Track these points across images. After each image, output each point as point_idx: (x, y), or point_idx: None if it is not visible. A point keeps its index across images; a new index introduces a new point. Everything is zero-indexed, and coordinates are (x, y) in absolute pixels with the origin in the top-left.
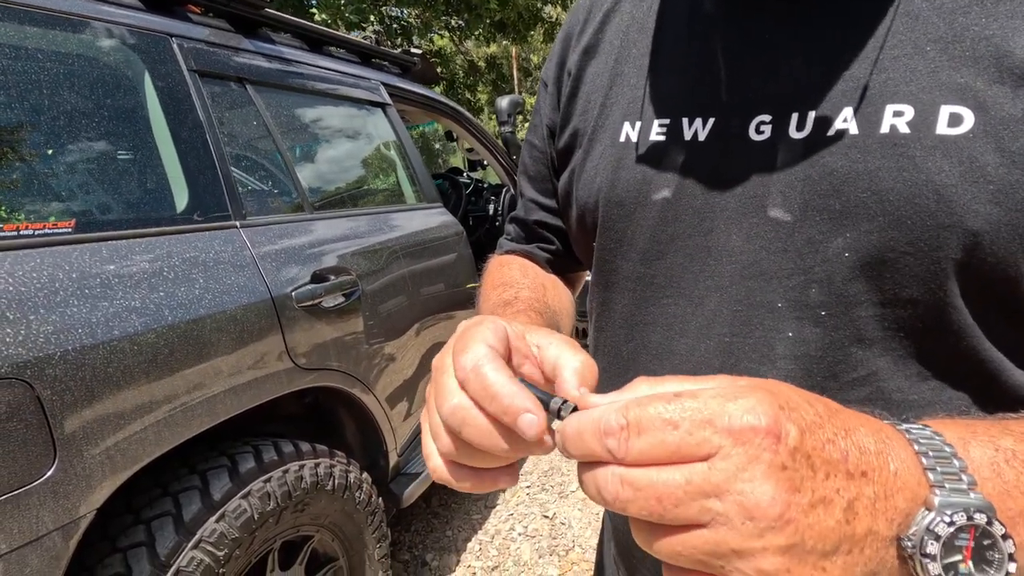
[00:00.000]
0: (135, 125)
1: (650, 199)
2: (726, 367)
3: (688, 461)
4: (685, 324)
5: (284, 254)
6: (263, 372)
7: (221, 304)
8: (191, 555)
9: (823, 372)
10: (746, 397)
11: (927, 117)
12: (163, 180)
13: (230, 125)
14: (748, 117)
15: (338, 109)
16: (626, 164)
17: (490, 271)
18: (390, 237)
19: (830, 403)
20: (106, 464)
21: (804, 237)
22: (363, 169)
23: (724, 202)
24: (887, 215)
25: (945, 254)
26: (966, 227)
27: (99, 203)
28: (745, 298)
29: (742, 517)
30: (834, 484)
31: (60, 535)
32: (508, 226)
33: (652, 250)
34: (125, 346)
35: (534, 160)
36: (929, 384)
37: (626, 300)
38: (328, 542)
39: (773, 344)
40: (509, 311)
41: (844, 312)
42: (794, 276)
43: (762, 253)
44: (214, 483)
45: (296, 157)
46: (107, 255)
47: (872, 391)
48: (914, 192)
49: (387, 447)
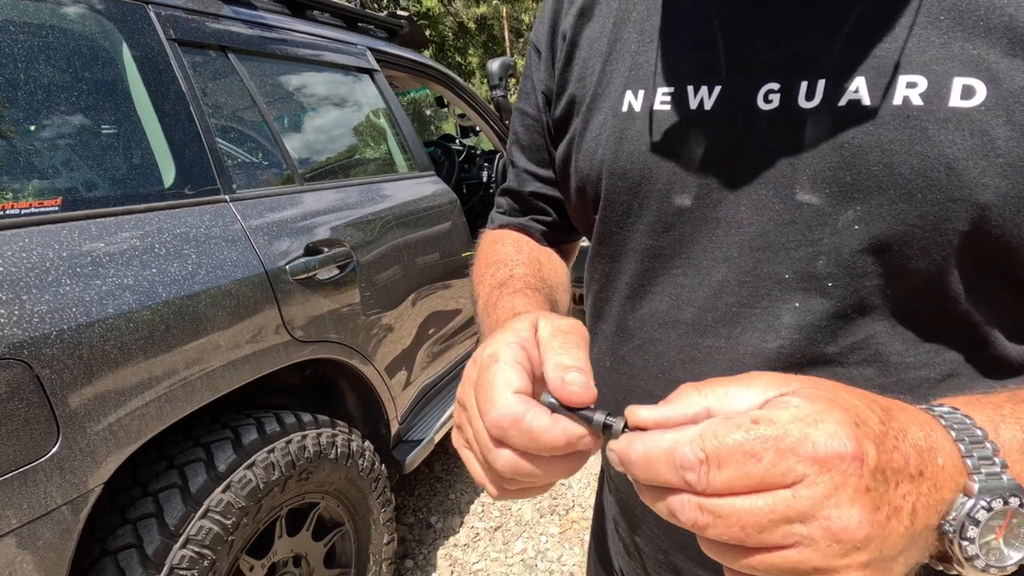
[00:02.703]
0: (115, 98)
1: (655, 171)
2: (732, 336)
3: (771, 489)
4: (692, 294)
5: (276, 227)
6: (261, 346)
7: (215, 279)
8: (200, 524)
9: (825, 340)
10: (826, 421)
11: (940, 89)
12: (148, 155)
13: (214, 96)
14: (756, 86)
15: (324, 77)
16: (629, 135)
17: (483, 248)
18: (383, 207)
19: (879, 401)
20: (110, 439)
21: (813, 209)
22: (353, 138)
23: (732, 174)
24: (898, 188)
25: (953, 227)
26: (975, 200)
27: (84, 180)
28: (752, 269)
29: (828, 540)
30: (902, 491)
31: (69, 509)
32: (500, 199)
33: (660, 222)
34: (121, 323)
35: (527, 129)
36: (924, 347)
37: (633, 271)
38: (334, 508)
39: (779, 314)
40: (506, 292)
41: (850, 283)
42: (802, 248)
43: (770, 225)
44: (218, 455)
45: (283, 128)
46: (96, 232)
47: (871, 354)
48: (926, 166)
49: (388, 416)
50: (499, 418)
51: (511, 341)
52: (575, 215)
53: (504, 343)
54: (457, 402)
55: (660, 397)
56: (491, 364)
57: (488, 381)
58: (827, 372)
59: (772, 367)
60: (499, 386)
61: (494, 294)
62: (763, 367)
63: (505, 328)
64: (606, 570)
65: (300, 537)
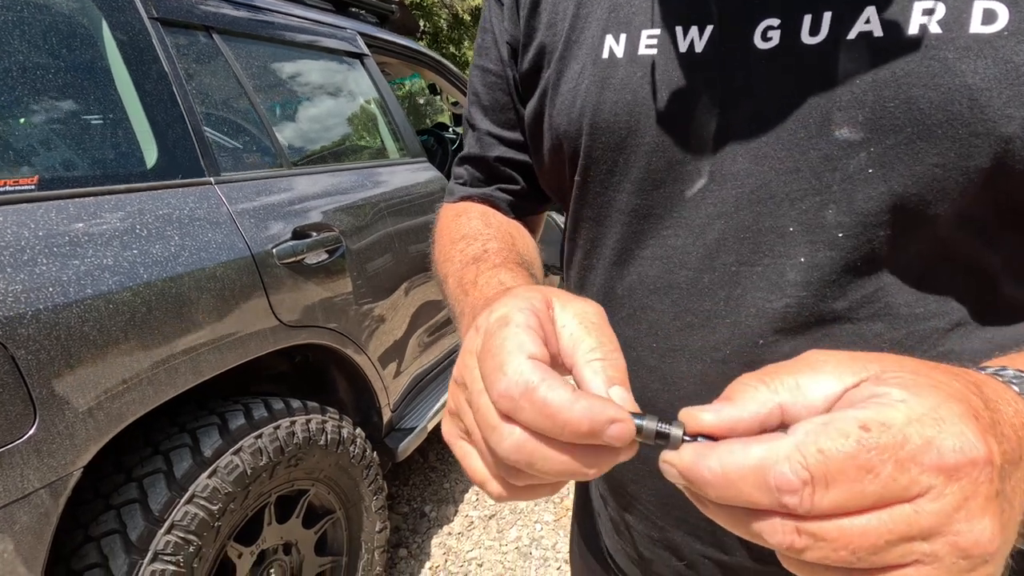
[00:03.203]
0: (95, 77)
1: (643, 124)
2: (732, 298)
3: (888, 505)
4: (686, 255)
5: (263, 211)
6: (247, 329)
7: (199, 261)
8: (185, 510)
9: (834, 295)
10: (947, 420)
11: (960, 14)
12: (130, 135)
13: (198, 77)
14: (752, 23)
15: (313, 60)
16: (612, 84)
17: (444, 223)
18: (374, 193)
19: (967, 375)
20: (89, 422)
21: (821, 154)
22: (342, 123)
23: (727, 121)
24: (916, 125)
25: (976, 164)
26: (999, 134)
27: (63, 160)
28: (753, 224)
29: (955, 556)
30: (1013, 482)
31: (48, 492)
32: (458, 169)
33: (648, 179)
34: (100, 304)
35: (490, 87)
36: (933, 297)
37: (619, 234)
38: (324, 495)
39: (783, 271)
40: (484, 267)
41: (862, 232)
42: (808, 197)
43: (771, 174)
44: (204, 440)
45: (271, 111)
46: (75, 212)
47: (881, 308)
48: (947, 99)
49: (379, 403)
50: (510, 386)
51: (523, 307)
52: (548, 179)
53: (515, 307)
54: (454, 381)
55: (655, 368)
56: (500, 328)
57: (496, 345)
58: (836, 329)
59: (778, 328)
60: (511, 350)
61: (469, 270)
62: (767, 329)
63: (512, 294)
64: (591, 550)
65: (290, 524)
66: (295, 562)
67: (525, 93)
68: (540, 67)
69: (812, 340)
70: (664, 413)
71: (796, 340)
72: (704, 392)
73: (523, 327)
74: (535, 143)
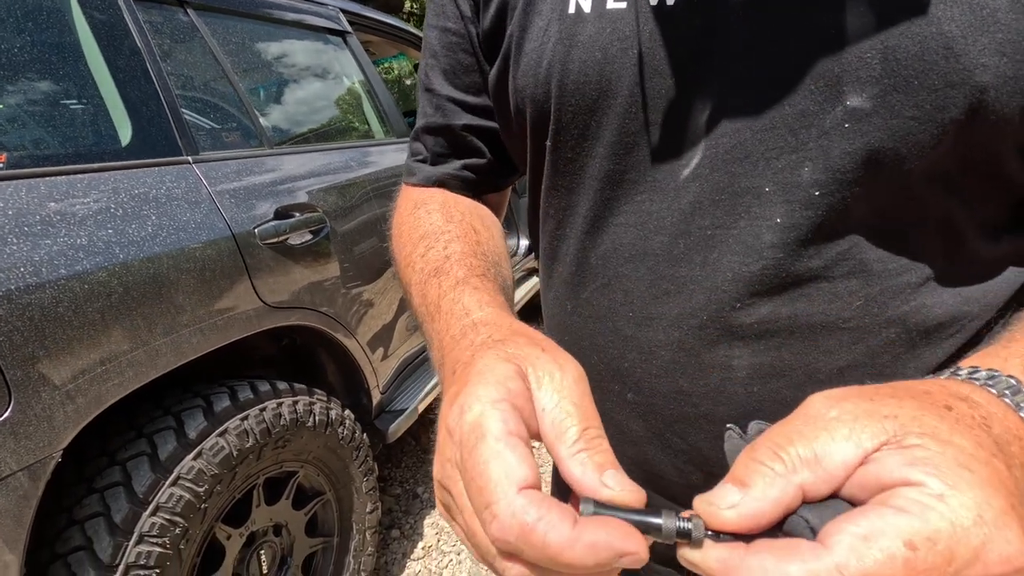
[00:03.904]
0: (64, 53)
1: (615, 84)
2: (708, 263)
3: None
4: (661, 220)
5: (244, 191)
6: (229, 310)
7: (177, 241)
8: (170, 492)
9: (810, 255)
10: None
11: None
12: (102, 113)
13: (174, 54)
14: None
15: (293, 37)
16: (580, 42)
17: (403, 215)
18: (359, 174)
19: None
20: (68, 404)
21: (796, 110)
22: (324, 102)
23: (701, 77)
24: (892, 76)
25: (950, 115)
26: (974, 83)
27: (32, 138)
28: (728, 185)
29: None
30: None
31: (26, 475)
32: (416, 144)
33: (620, 143)
34: (75, 285)
35: (449, 49)
36: (906, 252)
37: (591, 201)
38: (314, 477)
39: (759, 233)
40: (446, 283)
41: (838, 190)
42: (784, 155)
43: (747, 133)
44: (189, 423)
45: (250, 89)
46: (46, 191)
47: (855, 265)
48: (923, 48)
49: (368, 385)
50: (504, 529)
51: (497, 399)
52: (515, 145)
53: (488, 402)
54: (437, 482)
55: (632, 338)
56: (478, 442)
57: (480, 470)
58: (812, 288)
59: (754, 291)
60: (498, 480)
61: (431, 287)
62: (744, 292)
63: (481, 373)
64: None
65: (280, 506)
66: (286, 543)
67: (489, 54)
68: (503, 26)
69: (788, 300)
70: (641, 385)
71: (773, 302)
72: (683, 360)
73: (503, 440)
74: (500, 108)
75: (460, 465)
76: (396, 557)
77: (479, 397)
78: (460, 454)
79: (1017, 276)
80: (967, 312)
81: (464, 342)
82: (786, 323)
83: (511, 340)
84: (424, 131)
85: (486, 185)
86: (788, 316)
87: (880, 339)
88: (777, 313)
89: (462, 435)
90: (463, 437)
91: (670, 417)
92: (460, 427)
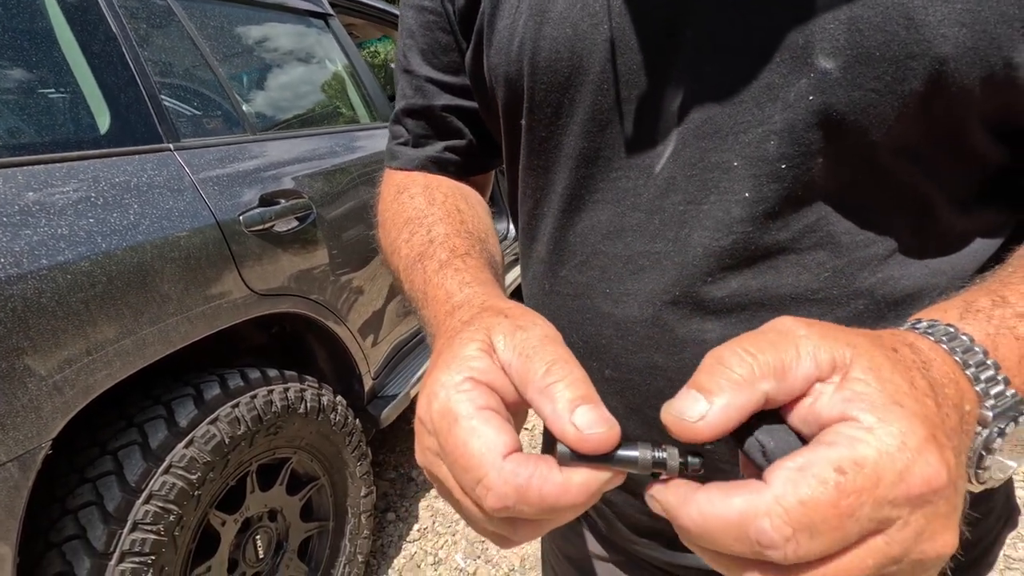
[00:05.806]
0: (37, 39)
1: (587, 61)
2: (679, 238)
3: (863, 542)
4: (637, 197)
5: (227, 178)
6: (216, 298)
7: (161, 230)
8: (162, 480)
9: (778, 228)
10: (916, 449)
11: None
12: (79, 100)
13: (151, 39)
14: None
15: (273, 20)
16: (551, 18)
17: (387, 201)
18: (345, 159)
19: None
20: (55, 395)
21: (763, 83)
22: (308, 86)
23: (670, 53)
24: (855, 48)
25: (910, 87)
26: (934, 54)
27: (7, 127)
28: (699, 160)
29: (918, 570)
30: (960, 470)
31: (16, 466)
32: (397, 127)
33: (594, 120)
34: (56, 275)
35: (426, 27)
36: (873, 224)
37: (567, 180)
38: (307, 463)
39: (729, 208)
40: (431, 267)
41: (803, 162)
42: (751, 129)
43: (715, 107)
44: (179, 411)
45: (231, 75)
46: (24, 181)
47: (823, 236)
48: (884, 19)
49: (360, 371)
50: (501, 498)
51: (459, 382)
52: (494, 125)
53: (451, 387)
54: (425, 471)
55: (609, 315)
56: (451, 427)
57: (461, 451)
58: (781, 260)
59: (725, 266)
60: (481, 455)
61: (416, 273)
62: (715, 267)
63: (445, 360)
64: None
65: (274, 492)
66: (281, 528)
67: (466, 32)
68: (477, 1)
69: (758, 273)
70: (618, 362)
71: (743, 275)
72: (657, 336)
73: (475, 416)
74: (478, 87)
75: (440, 452)
76: (392, 539)
77: (443, 384)
78: (438, 441)
79: (985, 248)
80: (935, 284)
81: (443, 328)
82: (756, 296)
83: (477, 318)
84: (404, 113)
85: (470, 167)
86: (758, 289)
87: (848, 310)
88: (747, 286)
89: (434, 424)
90: (436, 426)
91: (647, 392)
92: (431, 416)
